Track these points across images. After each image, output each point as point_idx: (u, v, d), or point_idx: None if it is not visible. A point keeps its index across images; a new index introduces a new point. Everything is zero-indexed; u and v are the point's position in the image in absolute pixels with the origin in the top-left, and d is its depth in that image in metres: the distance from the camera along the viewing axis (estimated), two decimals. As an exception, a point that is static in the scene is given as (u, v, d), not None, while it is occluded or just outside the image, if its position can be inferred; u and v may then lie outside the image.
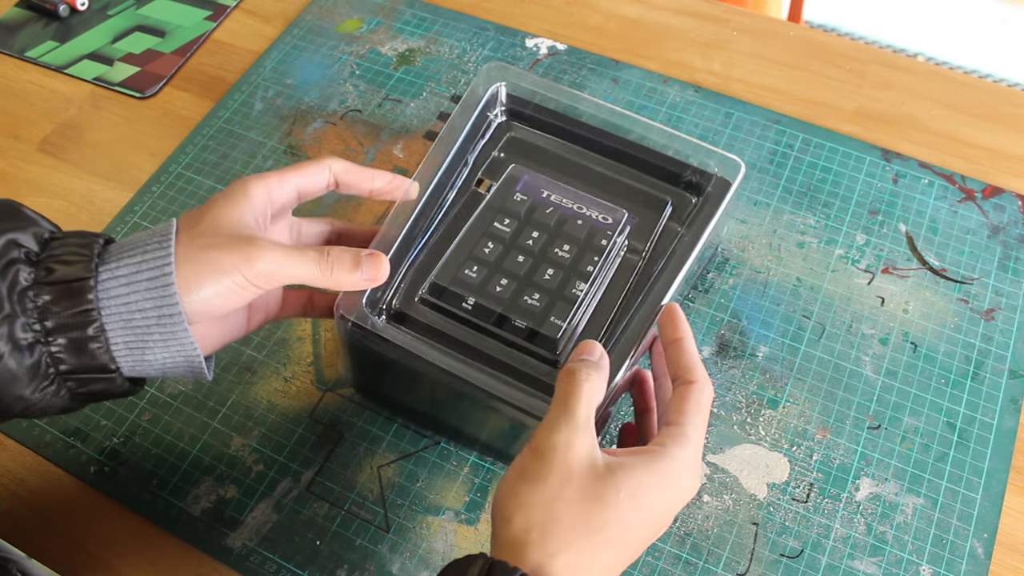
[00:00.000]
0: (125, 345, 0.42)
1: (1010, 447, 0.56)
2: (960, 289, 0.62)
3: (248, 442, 0.59)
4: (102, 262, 0.42)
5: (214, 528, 0.56)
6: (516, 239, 0.57)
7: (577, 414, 0.41)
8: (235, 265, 0.43)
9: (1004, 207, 0.66)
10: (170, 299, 0.41)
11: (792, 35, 0.78)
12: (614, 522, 0.39)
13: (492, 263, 0.56)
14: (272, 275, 0.44)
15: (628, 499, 0.39)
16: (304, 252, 0.45)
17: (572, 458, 0.39)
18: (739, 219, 0.67)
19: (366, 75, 0.78)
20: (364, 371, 0.58)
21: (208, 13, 0.84)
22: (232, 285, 0.43)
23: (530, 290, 0.55)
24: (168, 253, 0.42)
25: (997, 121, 0.71)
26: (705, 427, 0.43)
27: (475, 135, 0.61)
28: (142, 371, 0.44)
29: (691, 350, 0.46)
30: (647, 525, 0.40)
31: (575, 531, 0.38)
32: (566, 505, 0.38)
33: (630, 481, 0.39)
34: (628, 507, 0.39)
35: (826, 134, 0.71)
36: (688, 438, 0.42)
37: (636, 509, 0.39)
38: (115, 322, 0.42)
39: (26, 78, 0.81)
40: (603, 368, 0.44)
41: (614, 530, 0.38)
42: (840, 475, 0.56)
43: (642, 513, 0.39)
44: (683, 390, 0.44)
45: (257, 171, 0.72)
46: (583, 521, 0.38)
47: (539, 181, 0.60)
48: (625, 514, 0.39)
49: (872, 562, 0.53)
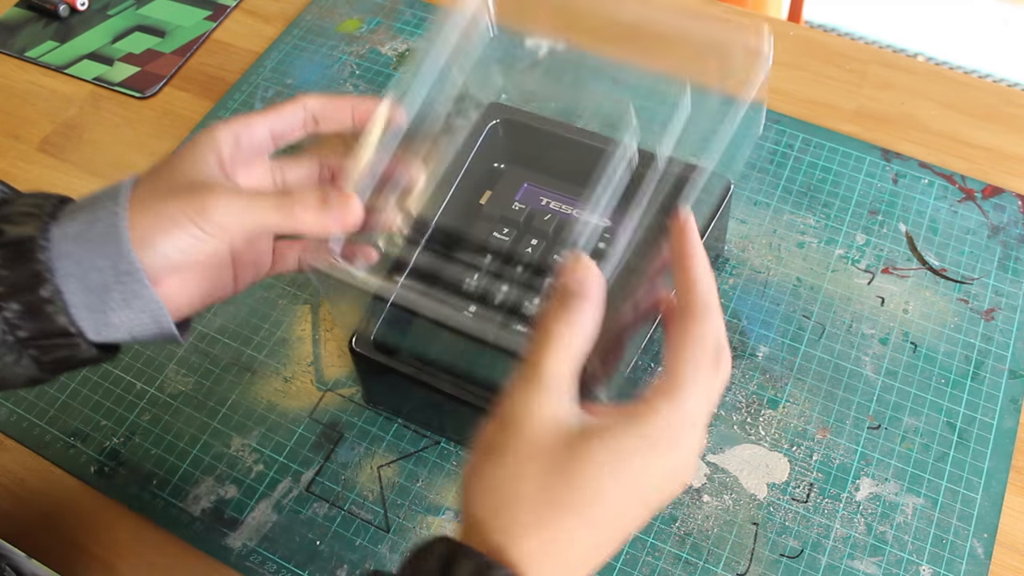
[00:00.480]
0: (84, 307, 0.39)
1: (1010, 447, 0.56)
2: (960, 289, 0.62)
3: (248, 442, 0.59)
4: (55, 221, 0.39)
5: (214, 528, 0.56)
6: (515, 248, 0.57)
7: (544, 372, 0.34)
8: (188, 216, 0.39)
9: (1004, 207, 0.66)
10: (126, 255, 0.38)
11: (792, 35, 0.78)
12: (592, 498, 0.33)
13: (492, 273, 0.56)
14: (229, 225, 0.39)
15: (608, 471, 0.33)
16: (265, 196, 0.40)
17: (537, 426, 0.33)
18: (739, 219, 0.67)
19: (366, 75, 0.78)
20: (375, 388, 0.59)
21: (208, 13, 0.84)
22: (188, 238, 0.39)
23: (530, 295, 0.55)
24: (121, 207, 0.39)
25: (997, 121, 0.71)
26: (711, 372, 0.35)
27: (460, 54, 0.57)
28: (109, 335, 0.40)
29: (694, 270, 0.36)
30: (634, 501, 0.34)
31: (543, 510, 0.33)
32: (531, 481, 0.33)
33: (608, 449, 0.33)
34: (608, 481, 0.33)
35: (826, 134, 0.71)
36: (680, 391, 0.34)
37: (618, 483, 0.33)
38: (71, 283, 0.38)
39: (26, 78, 0.81)
40: (588, 300, 0.35)
41: (594, 508, 0.33)
42: (840, 475, 0.56)
43: (625, 487, 0.33)
44: (678, 328, 0.35)
45: (257, 171, 0.72)
46: (552, 499, 0.33)
47: (537, 188, 0.60)
48: (605, 488, 0.33)
49: (872, 562, 0.53)
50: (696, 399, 0.34)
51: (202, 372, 0.62)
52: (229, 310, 0.65)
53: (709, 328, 0.35)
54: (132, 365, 0.63)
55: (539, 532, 0.33)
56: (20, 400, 0.62)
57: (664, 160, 0.43)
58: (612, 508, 0.33)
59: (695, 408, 0.34)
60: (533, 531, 0.33)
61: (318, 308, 0.65)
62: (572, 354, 0.35)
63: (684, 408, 0.34)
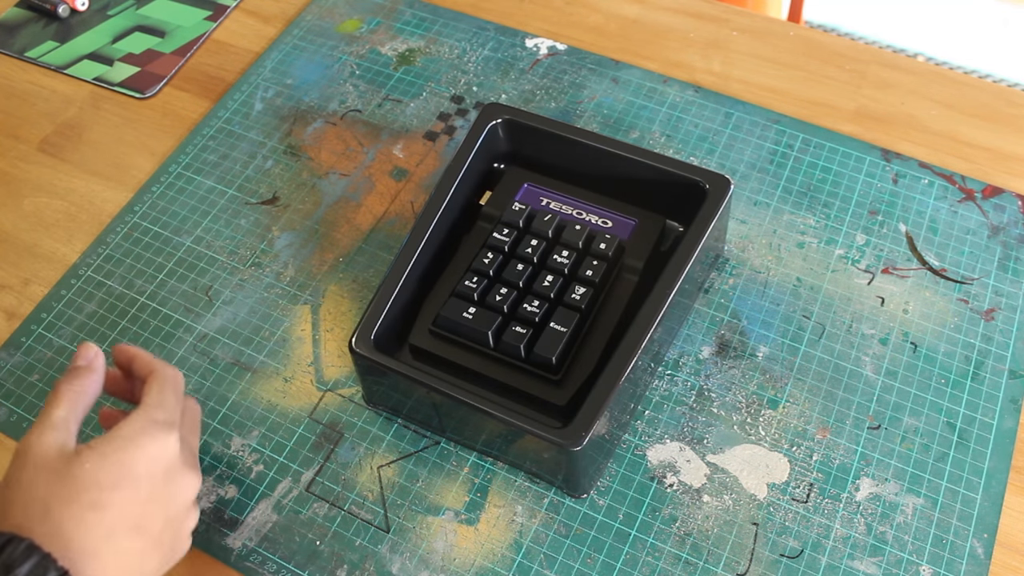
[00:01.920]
0: None
1: (1010, 447, 0.56)
2: (960, 289, 0.62)
3: (248, 442, 0.59)
4: None
5: (214, 528, 0.56)
6: (515, 248, 0.57)
7: (52, 415, 0.47)
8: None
9: (1004, 207, 0.66)
10: None
11: (792, 35, 0.78)
12: (89, 486, 0.44)
13: (491, 275, 0.56)
14: None
15: (94, 466, 0.45)
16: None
17: (43, 451, 0.45)
18: (739, 219, 0.67)
19: (366, 75, 0.78)
20: (375, 388, 0.59)
21: (208, 13, 0.84)
22: None
23: (529, 298, 0.55)
24: None
25: (997, 121, 0.71)
26: (161, 395, 0.49)
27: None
28: None
29: (143, 354, 0.52)
30: (128, 483, 0.46)
31: (53, 501, 0.44)
32: (43, 485, 0.44)
33: (92, 453, 0.45)
34: (96, 471, 0.45)
35: (826, 134, 0.71)
36: (143, 408, 0.48)
37: (105, 471, 0.45)
38: None
39: (26, 78, 0.81)
40: (90, 370, 0.50)
41: (91, 492, 0.44)
42: (840, 475, 0.56)
43: (112, 474, 0.45)
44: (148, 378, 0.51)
45: (257, 171, 0.72)
46: (57, 493, 0.44)
47: (537, 188, 0.60)
48: (95, 477, 0.45)
49: (872, 562, 0.53)
50: (151, 411, 0.48)
51: (202, 372, 0.62)
52: (229, 310, 0.65)
53: (164, 376, 0.51)
54: (132, 365, 0.63)
55: (53, 517, 0.44)
56: (20, 400, 0.62)
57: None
58: (113, 492, 0.45)
59: (150, 415, 0.48)
60: (48, 517, 0.44)
61: (318, 308, 0.65)
62: (79, 404, 0.48)
63: (143, 418, 0.48)
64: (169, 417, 0.49)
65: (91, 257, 0.69)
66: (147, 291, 0.67)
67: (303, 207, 0.70)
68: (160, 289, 0.67)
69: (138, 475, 0.46)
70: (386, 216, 0.69)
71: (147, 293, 0.66)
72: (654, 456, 0.57)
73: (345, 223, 0.69)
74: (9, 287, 0.68)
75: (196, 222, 0.70)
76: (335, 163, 0.72)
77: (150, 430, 0.47)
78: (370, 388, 0.59)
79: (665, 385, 0.59)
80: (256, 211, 0.70)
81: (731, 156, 0.70)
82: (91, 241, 0.70)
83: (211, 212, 0.70)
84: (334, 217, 0.69)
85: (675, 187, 0.59)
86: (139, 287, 0.67)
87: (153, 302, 0.66)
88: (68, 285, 0.67)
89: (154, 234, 0.70)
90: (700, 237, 0.56)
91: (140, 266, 0.68)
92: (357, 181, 0.71)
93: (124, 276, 0.68)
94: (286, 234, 0.69)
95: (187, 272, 0.67)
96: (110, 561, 0.44)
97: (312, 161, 0.73)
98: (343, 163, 0.72)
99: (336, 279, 0.66)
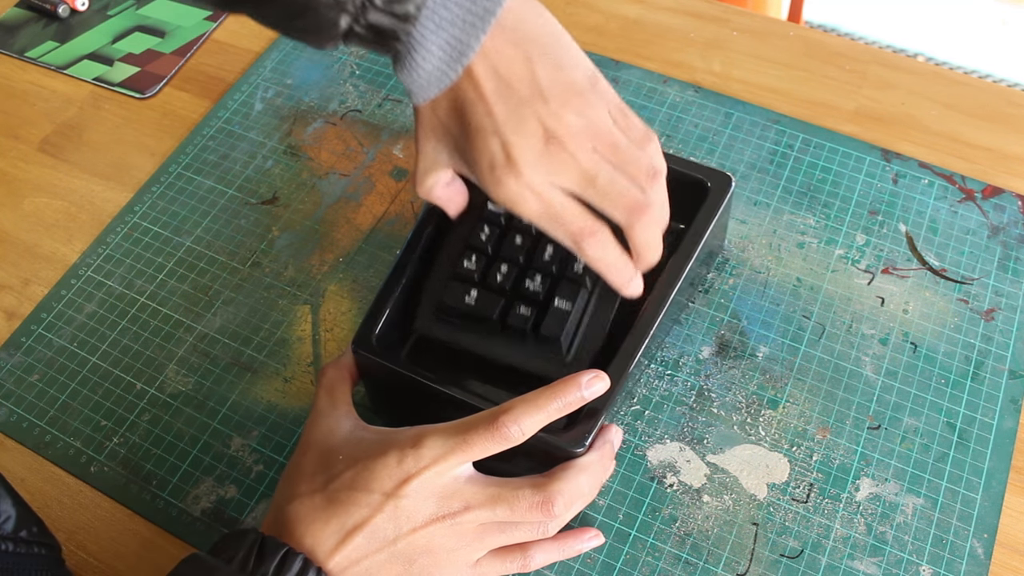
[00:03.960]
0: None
1: (1010, 447, 0.56)
2: (960, 289, 0.62)
3: (248, 442, 0.59)
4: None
5: (214, 528, 0.56)
6: (512, 219, 0.57)
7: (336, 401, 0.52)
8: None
9: (1004, 207, 0.66)
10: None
11: (792, 35, 0.78)
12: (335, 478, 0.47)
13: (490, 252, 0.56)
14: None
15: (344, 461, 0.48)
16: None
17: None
18: (739, 219, 0.67)
19: (366, 75, 0.78)
20: (375, 388, 0.59)
21: (208, 13, 0.84)
22: None
23: (531, 272, 0.54)
24: None
25: (997, 121, 0.71)
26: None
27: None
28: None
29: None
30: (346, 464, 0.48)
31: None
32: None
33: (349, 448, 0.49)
34: (343, 467, 0.47)
35: (826, 134, 0.71)
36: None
37: (350, 468, 0.47)
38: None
39: (26, 78, 0.81)
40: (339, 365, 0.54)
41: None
42: (840, 475, 0.56)
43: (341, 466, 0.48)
44: None
45: (257, 171, 0.72)
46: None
47: None
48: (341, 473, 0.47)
49: (872, 562, 0.53)
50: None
51: (202, 372, 0.62)
52: (229, 310, 0.65)
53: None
54: (132, 365, 0.63)
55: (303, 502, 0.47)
56: (20, 400, 0.62)
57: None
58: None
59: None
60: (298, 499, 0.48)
61: (318, 308, 0.65)
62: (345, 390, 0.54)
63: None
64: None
65: (91, 257, 0.69)
66: (147, 291, 0.67)
67: (303, 207, 0.70)
68: (160, 289, 0.67)
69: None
70: (386, 216, 0.69)
71: (147, 293, 0.67)
72: (654, 456, 0.57)
73: (345, 223, 0.69)
74: (9, 287, 0.68)
75: (196, 222, 0.70)
76: (335, 163, 0.72)
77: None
78: (370, 388, 0.58)
79: (665, 385, 0.59)
80: (256, 211, 0.70)
81: (731, 156, 0.70)
82: (91, 241, 0.70)
83: (211, 212, 0.70)
84: (334, 217, 0.69)
85: (676, 184, 0.59)
86: (139, 287, 0.67)
87: (153, 302, 0.66)
88: (68, 285, 0.67)
89: (154, 234, 0.70)
90: (702, 234, 0.56)
91: (140, 266, 0.68)
92: (357, 181, 0.71)
93: (124, 276, 0.68)
94: (286, 234, 0.69)
95: (187, 272, 0.67)
96: None
97: (312, 161, 0.73)
98: (343, 163, 0.72)
99: (336, 279, 0.66)
